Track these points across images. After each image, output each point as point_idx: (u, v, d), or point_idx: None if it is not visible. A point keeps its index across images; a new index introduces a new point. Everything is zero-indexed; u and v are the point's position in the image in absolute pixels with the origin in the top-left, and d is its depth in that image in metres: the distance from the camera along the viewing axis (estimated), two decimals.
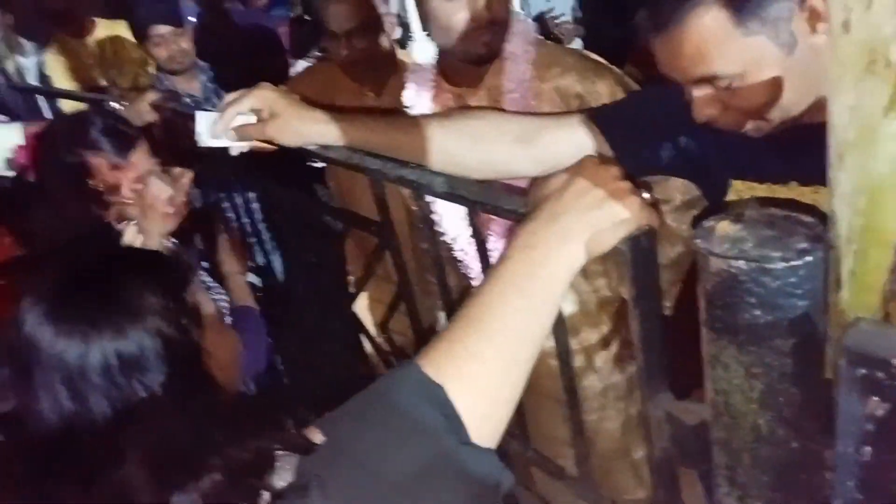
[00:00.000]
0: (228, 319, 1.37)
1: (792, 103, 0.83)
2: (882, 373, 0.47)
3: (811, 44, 0.80)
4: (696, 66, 0.82)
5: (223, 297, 1.46)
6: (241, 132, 1.02)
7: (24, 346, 0.72)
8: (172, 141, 1.58)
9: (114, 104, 1.74)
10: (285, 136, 1.01)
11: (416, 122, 1.05)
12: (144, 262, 0.83)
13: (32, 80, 3.20)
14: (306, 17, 3.44)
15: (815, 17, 0.79)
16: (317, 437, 0.58)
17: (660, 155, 1.04)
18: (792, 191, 0.90)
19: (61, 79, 3.02)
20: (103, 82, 2.98)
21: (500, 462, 0.54)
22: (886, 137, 0.44)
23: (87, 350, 0.70)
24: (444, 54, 1.39)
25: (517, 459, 1.04)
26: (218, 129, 1.03)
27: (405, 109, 1.42)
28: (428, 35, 1.38)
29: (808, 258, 0.50)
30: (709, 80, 0.82)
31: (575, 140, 1.05)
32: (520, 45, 1.34)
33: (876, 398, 0.48)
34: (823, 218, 0.51)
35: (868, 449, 0.50)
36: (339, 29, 1.82)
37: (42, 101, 2.90)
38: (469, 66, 1.34)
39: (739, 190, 0.96)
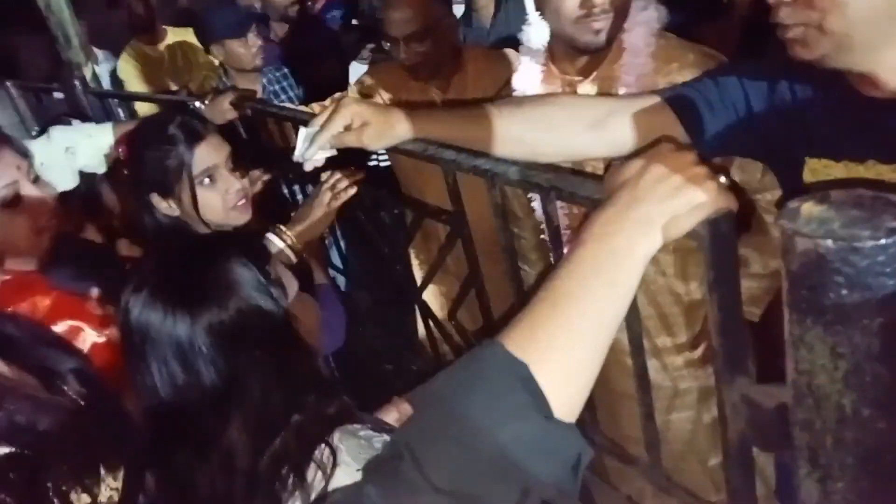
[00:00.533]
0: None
1: (852, 26, 0.81)
2: None
3: None
4: None
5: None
6: (339, 140, 1.07)
7: (134, 331, 0.80)
8: (253, 138, 1.66)
9: (197, 103, 1.83)
10: (379, 142, 1.06)
11: (488, 112, 1.07)
12: (228, 242, 0.90)
13: (106, 86, 3.38)
14: (355, 22, 3.53)
15: None
16: (405, 409, 0.61)
17: (734, 134, 1.03)
18: (869, 170, 0.89)
19: (134, 83, 3.18)
20: (173, 86, 3.12)
21: (580, 436, 0.56)
22: None
23: (194, 324, 0.77)
24: (555, 39, 1.34)
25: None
26: (317, 147, 1.07)
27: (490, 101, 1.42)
28: (541, 16, 1.32)
29: None
30: None
31: (649, 122, 1.05)
32: (642, 36, 1.27)
33: None
34: None
35: None
36: (399, 34, 1.85)
37: (115, 107, 3.06)
38: (580, 53, 1.28)
39: (815, 168, 0.94)
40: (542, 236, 1.43)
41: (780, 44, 0.87)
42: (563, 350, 0.57)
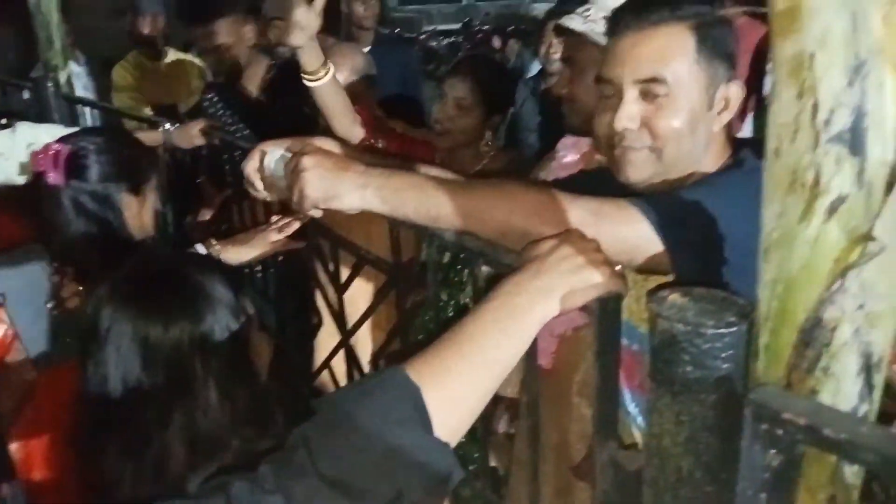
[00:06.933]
0: None
1: (681, 156, 0.98)
2: (781, 429, 0.58)
3: (714, 122, 0.99)
4: (652, 63, 0.97)
5: None
6: None
7: (103, 319, 0.82)
8: (214, 165, 1.74)
9: (167, 125, 1.90)
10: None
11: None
12: (211, 263, 0.96)
13: (81, 87, 3.42)
14: None
15: (726, 102, 0.99)
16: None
17: None
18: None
19: (126, 90, 3.23)
20: (166, 102, 3.17)
21: (454, 457, 0.65)
22: (801, 241, 0.57)
23: (167, 328, 0.81)
24: None
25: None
26: None
27: None
28: None
29: (733, 329, 0.62)
30: (654, 82, 0.96)
31: None
32: None
33: (774, 451, 0.59)
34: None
35: (764, 496, 0.61)
36: None
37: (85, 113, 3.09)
38: None
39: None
40: None
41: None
42: (454, 380, 0.66)
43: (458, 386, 0.66)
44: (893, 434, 0.54)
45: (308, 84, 1.67)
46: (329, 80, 1.68)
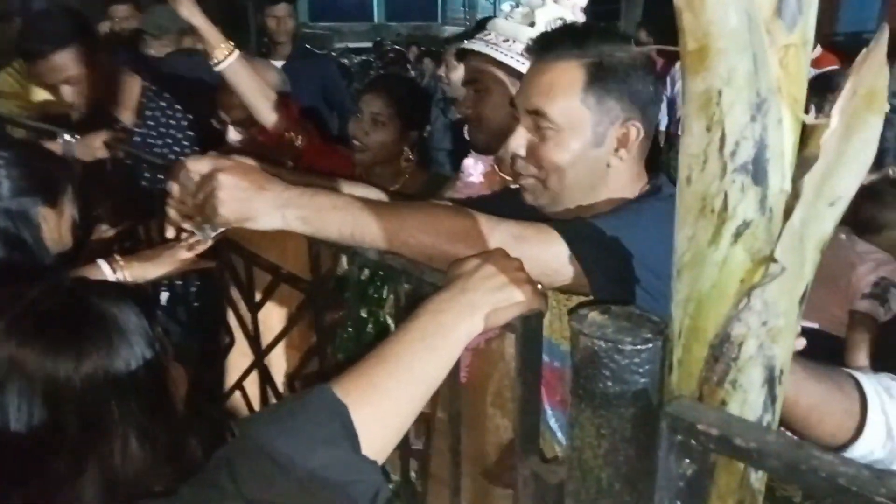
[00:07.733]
0: None
1: (565, 188, 1.03)
2: (694, 440, 0.61)
3: (609, 158, 1.03)
4: (538, 97, 1.01)
5: None
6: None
7: (1, 359, 0.74)
8: (118, 179, 1.66)
9: (66, 136, 1.80)
10: None
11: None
12: (121, 289, 0.88)
13: None
14: None
15: (623, 141, 1.02)
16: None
17: None
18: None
19: (10, 97, 3.05)
20: (54, 111, 2.99)
21: (381, 475, 0.65)
22: (710, 262, 0.61)
23: (78, 364, 0.73)
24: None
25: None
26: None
27: None
28: None
29: (650, 345, 0.65)
30: (538, 114, 1.01)
31: None
32: None
33: (688, 460, 0.63)
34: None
35: (679, 503, 0.64)
36: None
37: None
38: None
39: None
40: None
41: None
42: (382, 398, 0.67)
43: (385, 404, 0.67)
44: (796, 441, 0.59)
45: (218, 68, 1.70)
46: (237, 57, 1.73)
